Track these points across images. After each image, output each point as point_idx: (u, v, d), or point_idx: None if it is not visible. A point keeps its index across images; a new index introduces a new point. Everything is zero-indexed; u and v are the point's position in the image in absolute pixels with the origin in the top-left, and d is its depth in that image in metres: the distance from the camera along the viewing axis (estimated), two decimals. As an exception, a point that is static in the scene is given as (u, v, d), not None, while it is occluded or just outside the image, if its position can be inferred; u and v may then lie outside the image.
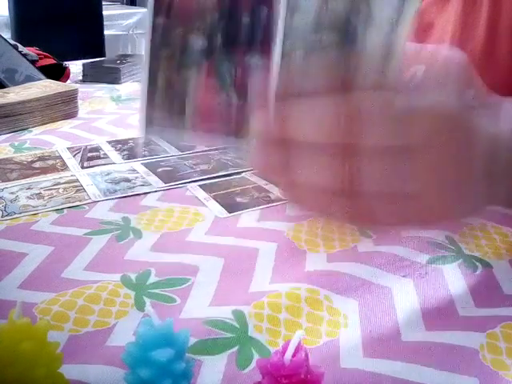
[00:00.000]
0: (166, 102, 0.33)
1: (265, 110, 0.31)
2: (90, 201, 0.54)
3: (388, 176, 0.30)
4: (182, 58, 0.32)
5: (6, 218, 0.50)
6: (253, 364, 0.32)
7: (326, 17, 0.30)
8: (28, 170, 0.62)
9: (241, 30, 0.31)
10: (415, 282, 0.40)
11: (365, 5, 0.30)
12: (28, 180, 0.59)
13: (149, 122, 0.34)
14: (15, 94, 0.80)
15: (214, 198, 0.55)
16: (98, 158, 0.67)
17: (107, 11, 2.87)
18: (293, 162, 0.31)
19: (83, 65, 1.10)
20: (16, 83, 0.88)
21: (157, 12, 0.32)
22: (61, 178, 0.60)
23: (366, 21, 0.30)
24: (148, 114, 0.34)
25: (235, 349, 0.33)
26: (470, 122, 0.31)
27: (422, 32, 0.75)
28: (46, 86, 0.85)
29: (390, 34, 0.31)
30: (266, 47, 0.31)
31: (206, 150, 0.67)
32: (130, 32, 3.01)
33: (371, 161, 0.30)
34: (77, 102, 0.86)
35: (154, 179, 0.59)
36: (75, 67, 1.11)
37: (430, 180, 0.31)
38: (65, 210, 0.52)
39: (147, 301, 0.38)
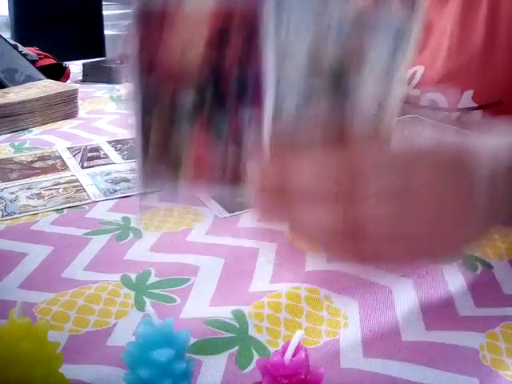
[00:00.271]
0: (161, 156, 0.33)
1: (261, 158, 0.31)
2: (89, 201, 0.54)
3: (389, 219, 0.31)
4: (173, 114, 0.32)
5: (5, 217, 0.50)
6: (253, 364, 0.32)
7: (318, 63, 0.30)
8: (28, 169, 0.62)
9: (232, 83, 0.31)
10: (415, 281, 0.40)
11: (358, 50, 0.30)
12: (28, 180, 0.59)
13: (146, 175, 0.34)
14: (15, 94, 0.80)
15: (214, 198, 0.55)
16: (98, 157, 0.67)
17: (107, 11, 2.87)
18: (293, 209, 0.31)
19: (83, 65, 1.10)
20: (16, 83, 0.88)
21: (143, 70, 0.31)
22: (61, 177, 0.60)
23: (360, 67, 0.30)
24: (145, 168, 0.34)
25: (235, 349, 0.33)
26: (468, 154, 0.31)
27: (422, 32, 0.75)
28: (46, 86, 0.85)
29: (385, 81, 0.31)
30: (258, 98, 0.31)
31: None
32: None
33: (371, 206, 0.30)
34: (77, 102, 0.85)
35: (153, 179, 0.59)
36: (75, 67, 1.11)
37: (432, 219, 0.31)
38: (65, 210, 0.52)
39: (147, 301, 0.38)
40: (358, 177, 0.29)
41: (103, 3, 2.80)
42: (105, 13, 2.79)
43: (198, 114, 0.32)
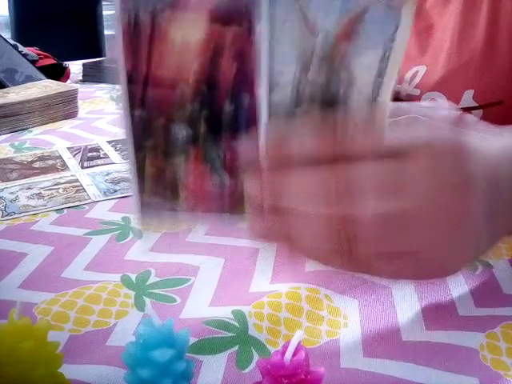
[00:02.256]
0: (157, 189, 0.33)
1: (257, 180, 0.31)
2: (90, 201, 0.54)
3: (386, 237, 0.30)
4: (166, 147, 0.32)
5: (5, 217, 0.50)
6: (253, 364, 0.32)
7: (307, 89, 0.31)
8: (28, 170, 0.62)
9: (224, 116, 0.31)
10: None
11: (345, 71, 0.30)
12: (28, 180, 0.59)
13: (143, 207, 0.34)
14: (15, 94, 0.80)
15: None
16: (98, 157, 0.67)
17: (107, 11, 2.87)
18: (290, 229, 0.31)
19: (83, 65, 1.10)
20: (16, 83, 0.88)
21: (133, 105, 0.31)
22: (61, 178, 0.60)
23: (348, 87, 0.30)
24: (141, 200, 0.34)
25: (235, 348, 0.33)
26: (468, 151, 0.31)
27: (424, 33, 0.75)
28: (46, 86, 0.85)
29: (373, 97, 0.31)
30: (251, 129, 0.31)
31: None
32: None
33: (368, 225, 0.30)
34: (77, 102, 0.85)
35: (154, 179, 0.59)
36: (75, 67, 1.11)
37: (431, 236, 0.31)
38: (65, 210, 0.52)
39: (147, 301, 0.38)
40: (351, 197, 0.29)
41: (103, 3, 2.80)
42: (105, 13, 2.79)
43: (192, 147, 0.32)
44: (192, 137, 0.32)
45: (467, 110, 0.70)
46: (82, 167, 0.63)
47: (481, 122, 0.40)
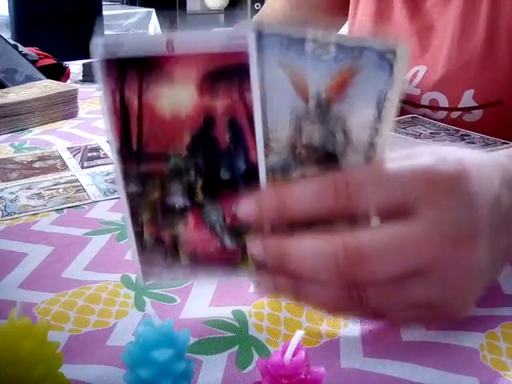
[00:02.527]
0: (158, 256, 0.33)
1: (262, 241, 0.31)
2: (90, 201, 0.54)
3: (398, 295, 0.31)
4: (164, 218, 0.32)
5: (5, 217, 0.50)
6: (253, 364, 0.32)
7: (303, 152, 0.31)
8: (28, 169, 0.62)
9: (222, 185, 0.31)
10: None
11: (340, 132, 0.30)
12: (28, 180, 0.59)
13: (146, 273, 0.34)
14: (15, 94, 0.80)
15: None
16: (98, 158, 0.67)
17: (107, 11, 2.87)
18: (297, 288, 0.32)
19: (83, 65, 1.10)
20: (16, 83, 0.88)
21: (127, 181, 0.31)
22: (61, 178, 0.60)
23: (344, 147, 0.30)
24: (144, 269, 0.34)
25: (235, 348, 0.33)
26: (471, 175, 0.31)
27: (424, 33, 0.75)
28: (46, 86, 0.85)
29: (369, 155, 0.31)
30: (249, 192, 0.31)
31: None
32: (130, 32, 3.01)
33: (380, 288, 0.30)
34: (77, 102, 0.85)
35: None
36: (75, 67, 1.11)
37: (443, 288, 0.31)
38: (65, 210, 0.52)
39: (147, 301, 0.38)
40: (361, 259, 0.29)
41: (103, 3, 2.80)
42: (105, 13, 2.79)
43: (190, 213, 0.32)
44: (189, 205, 0.32)
45: (467, 109, 0.70)
46: (82, 167, 0.63)
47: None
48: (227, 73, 0.28)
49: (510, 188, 0.33)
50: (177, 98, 0.29)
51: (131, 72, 0.29)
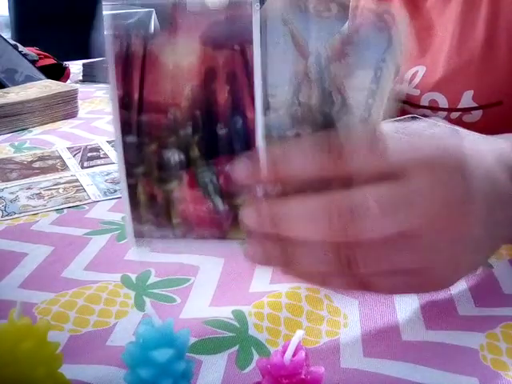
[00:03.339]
0: (151, 215, 0.33)
1: (254, 206, 0.31)
2: (90, 201, 0.54)
3: (387, 257, 0.31)
4: (159, 173, 0.32)
5: (5, 217, 0.50)
6: (253, 364, 0.32)
7: (300, 110, 0.31)
8: (28, 169, 0.62)
9: (218, 141, 0.31)
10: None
11: (337, 92, 0.30)
12: (28, 180, 0.59)
13: (137, 234, 0.34)
14: (15, 94, 0.80)
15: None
16: (98, 157, 0.67)
17: (107, 11, 2.87)
18: (287, 255, 0.31)
19: (83, 65, 1.10)
20: (16, 83, 0.88)
21: (125, 131, 0.31)
22: (61, 178, 0.60)
23: (340, 108, 0.30)
24: (135, 227, 0.33)
25: (235, 348, 0.33)
26: (469, 159, 0.31)
27: (424, 33, 0.75)
28: (45, 86, 0.85)
29: (365, 118, 0.31)
30: (245, 152, 0.31)
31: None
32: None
33: (368, 247, 0.30)
34: (77, 102, 0.85)
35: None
36: (75, 67, 1.11)
37: (432, 254, 0.31)
38: (65, 210, 0.52)
39: (147, 301, 0.38)
40: (353, 217, 0.29)
41: (103, 3, 2.80)
42: (105, 13, 2.79)
43: (185, 172, 0.32)
44: (185, 162, 0.32)
45: (467, 110, 0.70)
46: (82, 167, 0.63)
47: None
48: (230, 25, 0.29)
49: (503, 169, 0.33)
50: (180, 48, 0.29)
51: (139, 21, 0.29)
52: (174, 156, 0.31)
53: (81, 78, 1.08)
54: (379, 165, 0.30)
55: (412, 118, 0.72)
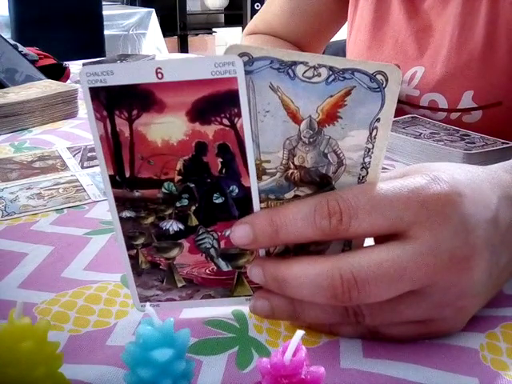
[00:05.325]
0: (154, 281, 0.34)
1: (259, 266, 0.32)
2: (90, 201, 0.54)
3: (393, 312, 0.31)
4: (159, 243, 0.33)
5: (5, 217, 0.50)
6: (253, 364, 0.32)
7: (296, 173, 0.31)
8: (28, 169, 0.62)
9: (215, 209, 0.31)
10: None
11: (333, 154, 0.30)
12: (28, 180, 0.59)
13: (143, 300, 0.35)
14: (15, 94, 0.80)
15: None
16: (98, 158, 0.67)
17: (107, 11, 2.87)
18: (294, 309, 0.32)
19: (83, 65, 1.10)
20: (16, 83, 0.89)
21: (120, 207, 0.31)
22: (61, 178, 0.60)
23: (337, 168, 0.31)
24: (140, 293, 0.34)
25: (235, 349, 0.33)
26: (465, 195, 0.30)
27: (423, 33, 0.75)
28: (45, 86, 0.85)
29: (364, 175, 0.31)
30: (243, 216, 0.31)
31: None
32: (130, 32, 3.01)
33: (377, 305, 0.30)
34: (77, 102, 0.86)
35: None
36: (75, 67, 1.11)
37: (442, 309, 0.31)
38: (65, 210, 0.52)
39: (147, 301, 0.38)
40: (357, 282, 0.29)
41: (103, 3, 2.80)
42: (105, 13, 2.79)
43: (185, 239, 0.32)
44: (184, 230, 0.32)
45: (466, 110, 0.70)
46: (82, 167, 0.63)
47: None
48: (217, 100, 0.28)
49: (508, 205, 0.33)
50: (167, 124, 0.29)
51: (120, 100, 0.29)
52: (173, 226, 0.32)
53: (81, 78, 1.08)
54: (381, 224, 0.30)
55: (412, 117, 0.72)
